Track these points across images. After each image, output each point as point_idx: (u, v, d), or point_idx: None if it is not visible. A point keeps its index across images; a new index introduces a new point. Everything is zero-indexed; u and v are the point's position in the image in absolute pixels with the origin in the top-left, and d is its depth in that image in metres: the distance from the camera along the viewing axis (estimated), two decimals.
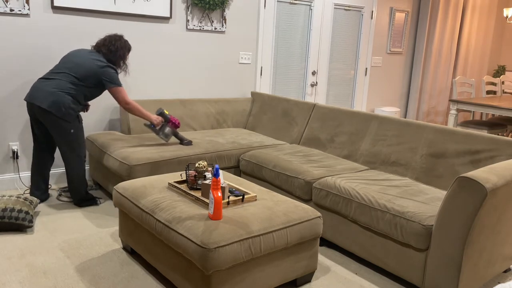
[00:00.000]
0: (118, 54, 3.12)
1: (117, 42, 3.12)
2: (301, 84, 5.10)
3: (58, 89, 2.94)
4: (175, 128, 3.39)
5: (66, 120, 2.96)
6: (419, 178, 2.90)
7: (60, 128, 2.98)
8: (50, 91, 2.92)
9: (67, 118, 2.96)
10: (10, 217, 2.71)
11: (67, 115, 2.96)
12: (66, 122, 2.97)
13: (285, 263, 2.17)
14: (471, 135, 2.75)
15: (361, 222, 2.48)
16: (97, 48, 3.14)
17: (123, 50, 3.15)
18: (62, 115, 2.94)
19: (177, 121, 3.38)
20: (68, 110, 2.95)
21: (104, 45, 3.11)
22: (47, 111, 2.91)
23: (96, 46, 3.15)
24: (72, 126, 3.00)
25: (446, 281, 2.09)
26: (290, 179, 2.97)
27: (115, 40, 3.12)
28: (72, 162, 3.09)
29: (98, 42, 3.15)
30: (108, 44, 3.10)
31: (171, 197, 2.28)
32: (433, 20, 6.12)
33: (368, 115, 3.37)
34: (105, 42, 3.12)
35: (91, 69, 3.01)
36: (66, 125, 2.98)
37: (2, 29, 3.25)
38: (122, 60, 3.18)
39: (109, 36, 3.15)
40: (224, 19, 4.29)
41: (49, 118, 2.94)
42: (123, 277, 2.31)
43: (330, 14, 5.11)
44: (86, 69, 3.00)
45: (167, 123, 3.36)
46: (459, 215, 2.02)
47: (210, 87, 4.39)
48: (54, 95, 2.92)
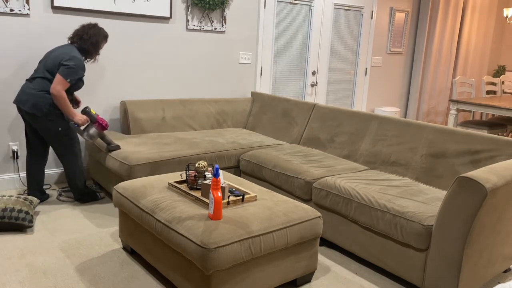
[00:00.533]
0: (91, 41, 3.05)
1: (90, 30, 3.06)
2: (301, 84, 5.10)
3: (37, 89, 2.94)
4: (101, 130, 3.15)
5: (50, 119, 2.96)
6: (419, 178, 2.90)
7: (48, 128, 2.99)
8: (30, 93, 2.94)
9: (51, 117, 2.96)
10: (10, 217, 2.71)
11: (49, 114, 2.96)
12: (51, 122, 2.97)
13: (285, 263, 2.17)
14: (471, 135, 2.75)
15: (361, 222, 2.48)
16: (71, 40, 3.10)
17: (96, 37, 3.07)
18: (45, 115, 2.94)
19: (105, 122, 3.14)
20: (49, 108, 2.95)
21: (77, 34, 3.06)
22: (30, 114, 2.94)
23: (70, 37, 3.11)
24: (59, 125, 3.00)
25: (446, 281, 2.09)
26: (290, 179, 2.97)
27: (88, 28, 3.07)
28: (67, 159, 3.12)
29: (73, 32, 3.12)
30: (81, 33, 3.05)
31: (171, 197, 2.28)
32: (433, 20, 6.12)
33: (368, 115, 3.37)
34: (78, 32, 3.07)
35: (56, 58, 2.96)
36: (52, 125, 2.98)
37: (2, 29, 3.25)
38: (95, 48, 3.10)
39: (83, 26, 3.10)
40: (224, 19, 4.29)
41: (35, 119, 2.96)
42: (123, 277, 2.31)
43: (330, 14, 5.11)
44: (53, 60, 2.96)
45: (93, 123, 3.13)
46: (459, 215, 2.02)
47: (210, 87, 4.39)
48: (34, 97, 2.93)
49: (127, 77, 3.88)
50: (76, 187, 3.23)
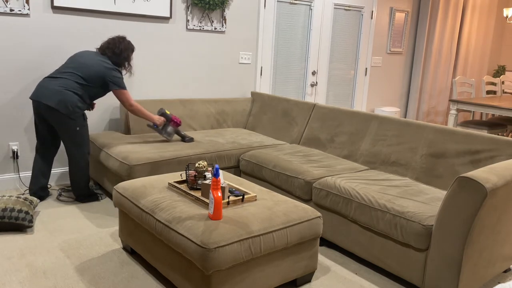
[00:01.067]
0: (123, 56, 3.20)
1: (121, 44, 3.19)
2: (301, 84, 5.10)
3: (64, 87, 3.00)
4: (176, 127, 3.49)
5: (72, 118, 3.02)
6: (419, 178, 2.90)
7: (66, 125, 3.03)
8: (57, 90, 2.98)
9: (73, 116, 3.02)
10: (10, 217, 2.71)
11: (73, 113, 3.02)
12: (72, 120, 3.03)
13: (285, 263, 2.17)
14: (471, 135, 2.75)
15: (361, 222, 2.48)
16: (102, 50, 3.20)
17: (127, 52, 3.22)
18: (69, 113, 3.00)
19: (179, 120, 3.47)
20: (74, 108, 3.02)
21: (109, 48, 3.17)
22: (54, 109, 2.97)
23: (101, 48, 3.21)
24: (77, 124, 3.07)
25: (446, 281, 2.09)
26: (290, 179, 2.97)
27: (119, 43, 3.19)
28: (76, 158, 3.15)
29: (103, 44, 3.21)
30: (113, 47, 3.17)
31: (171, 197, 2.28)
32: (433, 20, 6.12)
33: (368, 115, 3.37)
34: (109, 44, 3.18)
35: (98, 70, 3.08)
36: (72, 123, 3.04)
37: (2, 29, 3.25)
38: (126, 61, 3.26)
39: (113, 39, 3.21)
40: (224, 19, 4.29)
41: (56, 116, 2.99)
42: (123, 277, 2.31)
43: (330, 14, 5.11)
44: (93, 70, 3.08)
45: (169, 122, 3.46)
46: (459, 215, 2.02)
47: (210, 87, 4.39)
48: (61, 94, 2.97)
49: (127, 77, 3.87)
50: (78, 186, 3.25)
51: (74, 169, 3.18)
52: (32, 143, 3.54)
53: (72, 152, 3.13)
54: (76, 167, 3.17)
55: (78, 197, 3.30)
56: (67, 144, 3.11)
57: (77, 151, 3.13)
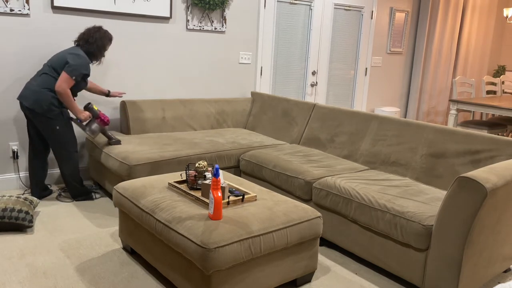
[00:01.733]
0: (96, 44, 3.14)
1: (95, 33, 3.14)
2: (301, 84, 5.10)
3: (41, 86, 3.03)
4: (103, 125, 3.25)
5: (49, 117, 3.04)
6: (419, 178, 2.90)
7: (46, 125, 3.06)
8: (33, 90, 3.03)
9: (50, 114, 3.04)
10: (10, 217, 2.71)
11: (48, 112, 3.03)
12: (50, 119, 3.05)
13: (285, 263, 2.17)
14: (471, 135, 2.75)
15: (361, 222, 2.48)
16: (76, 42, 3.18)
17: (102, 41, 3.16)
18: (44, 112, 3.02)
19: (106, 118, 3.25)
20: (49, 106, 3.03)
21: (83, 38, 3.14)
22: (31, 109, 3.02)
23: (76, 39, 3.19)
24: (56, 123, 3.08)
25: (446, 281, 2.09)
26: (290, 179, 2.97)
27: (93, 32, 3.15)
28: (62, 158, 3.18)
29: (78, 35, 3.19)
30: (87, 37, 3.13)
31: (171, 197, 2.28)
32: (433, 20, 6.12)
33: (368, 115, 3.37)
34: (84, 35, 3.16)
35: (62, 55, 3.06)
36: (50, 122, 3.06)
37: (2, 29, 3.25)
38: (101, 51, 3.19)
39: (88, 29, 3.18)
40: (224, 19, 4.29)
41: (35, 116, 3.04)
42: (123, 277, 2.31)
43: (330, 14, 5.11)
44: (60, 60, 3.05)
45: (95, 119, 3.22)
46: (459, 215, 2.02)
47: (210, 87, 4.39)
48: (36, 93, 3.01)
49: (127, 77, 3.87)
50: (72, 186, 3.27)
51: (63, 170, 3.20)
52: None
53: (57, 152, 3.16)
54: (64, 167, 3.19)
55: (73, 196, 3.33)
56: (51, 144, 3.14)
57: (62, 150, 3.15)
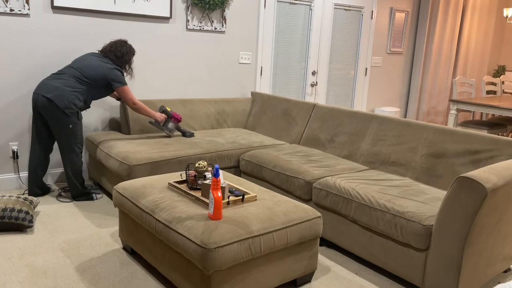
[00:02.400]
0: (124, 59, 3.32)
1: (123, 48, 3.30)
2: (301, 84, 5.10)
3: (65, 85, 3.11)
4: (177, 123, 3.61)
5: (66, 113, 3.07)
6: (419, 178, 2.90)
7: (60, 121, 3.09)
8: (56, 86, 3.09)
9: (67, 111, 3.08)
10: (10, 217, 2.71)
11: (68, 108, 3.08)
12: (66, 116, 3.08)
13: (285, 263, 2.17)
14: (471, 135, 2.75)
15: (361, 222, 2.48)
16: (104, 53, 3.29)
17: (128, 55, 3.34)
18: (64, 108, 3.06)
19: (179, 116, 3.59)
20: (70, 104, 3.09)
21: (111, 51, 3.28)
22: (50, 101, 3.05)
23: (103, 51, 3.30)
24: (70, 121, 3.12)
25: (446, 281, 2.09)
26: (290, 179, 2.97)
27: (121, 46, 3.30)
28: (68, 156, 3.20)
29: (105, 47, 3.31)
30: (115, 50, 3.28)
31: (171, 197, 2.28)
32: (433, 20, 6.12)
33: (368, 115, 3.37)
34: (112, 48, 3.29)
35: (102, 71, 3.19)
36: (65, 119, 3.09)
37: (2, 29, 3.25)
38: (127, 64, 3.37)
39: (115, 42, 3.31)
40: (224, 19, 4.29)
41: (51, 109, 3.06)
42: (123, 277, 2.31)
43: (330, 14, 5.11)
44: (95, 70, 3.18)
45: (169, 119, 3.57)
46: (459, 215, 2.02)
47: (210, 87, 4.39)
48: (60, 89, 3.08)
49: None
50: (74, 185, 3.28)
51: (67, 168, 3.23)
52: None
53: (64, 150, 3.18)
54: (68, 165, 3.22)
55: (73, 196, 3.33)
56: (59, 141, 3.17)
57: (69, 149, 3.18)
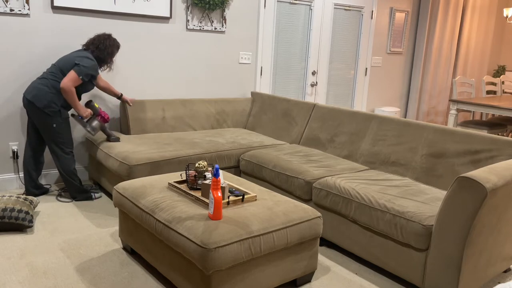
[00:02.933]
0: (107, 51, 3.25)
1: (106, 40, 3.25)
2: (301, 84, 5.10)
3: (43, 84, 3.10)
4: (103, 123, 3.34)
5: (47, 113, 3.08)
6: (419, 178, 2.90)
7: (42, 121, 3.11)
8: (35, 86, 3.10)
9: (48, 110, 3.08)
10: (10, 217, 2.71)
11: (47, 107, 3.08)
12: (48, 116, 3.09)
13: (285, 263, 2.17)
14: (471, 135, 2.75)
15: (361, 222, 2.48)
16: (86, 46, 3.27)
17: (111, 48, 3.28)
18: (43, 107, 3.07)
19: (107, 116, 3.35)
20: (49, 103, 3.08)
21: (93, 43, 3.24)
22: (30, 102, 3.07)
23: (85, 44, 3.28)
24: (53, 121, 3.12)
25: (446, 281, 2.09)
26: (290, 179, 2.97)
27: (104, 39, 3.25)
28: (58, 157, 3.22)
29: (88, 41, 3.29)
30: (97, 43, 3.23)
31: (171, 197, 2.28)
32: (433, 20, 6.12)
33: (368, 115, 3.37)
34: (94, 40, 3.26)
35: (71, 57, 3.15)
36: (47, 119, 3.10)
37: (2, 29, 3.25)
38: (110, 57, 3.31)
39: (98, 35, 3.29)
40: (224, 19, 4.29)
41: (33, 110, 3.09)
42: (123, 277, 2.31)
43: (330, 14, 5.11)
44: (68, 58, 3.15)
45: (96, 116, 3.31)
46: (459, 215, 2.02)
47: (210, 87, 4.39)
48: (38, 89, 3.08)
49: (127, 77, 3.87)
50: (70, 185, 3.30)
51: (60, 169, 3.24)
52: None
53: (53, 150, 3.20)
54: (60, 166, 3.23)
55: (72, 196, 3.35)
56: (47, 141, 3.19)
57: (57, 148, 3.19)
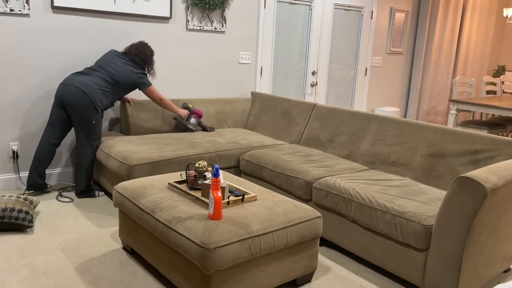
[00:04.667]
0: (148, 61, 3.50)
1: (146, 50, 3.48)
2: (301, 84, 5.10)
3: (93, 83, 3.24)
4: (199, 118, 3.89)
5: (91, 109, 3.21)
6: (419, 178, 2.90)
7: (85, 115, 3.21)
8: (86, 83, 3.22)
9: (93, 107, 3.21)
10: (10, 217, 2.71)
11: (93, 104, 3.21)
12: (91, 111, 3.22)
13: (285, 263, 2.17)
14: (471, 135, 2.75)
15: (361, 222, 2.48)
16: (130, 57, 3.44)
17: (151, 57, 3.52)
18: (90, 103, 3.20)
19: (200, 112, 3.88)
20: (96, 100, 3.23)
21: (136, 54, 3.44)
22: (82, 92, 3.17)
23: (128, 54, 3.46)
24: (95, 118, 3.26)
25: (446, 281, 2.10)
26: (290, 179, 2.97)
27: (144, 49, 3.47)
28: (85, 149, 3.30)
29: (129, 50, 3.49)
30: (139, 54, 3.45)
31: (171, 197, 2.28)
32: (433, 20, 6.12)
33: (368, 115, 3.37)
34: (137, 51, 3.45)
35: (130, 75, 3.38)
36: (90, 114, 3.22)
37: (2, 29, 3.25)
38: (151, 66, 3.55)
39: (138, 45, 3.47)
40: (224, 19, 4.29)
41: (81, 100, 3.17)
42: (123, 277, 2.31)
43: (330, 14, 5.11)
44: (125, 75, 3.36)
45: (192, 114, 3.85)
46: (459, 215, 2.02)
47: (210, 87, 4.39)
48: (89, 86, 3.21)
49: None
50: (82, 179, 3.35)
51: (81, 160, 3.31)
52: (32, 143, 3.54)
53: (82, 143, 3.28)
54: (83, 157, 3.30)
55: (78, 192, 3.39)
56: (79, 135, 3.27)
57: (88, 143, 3.29)
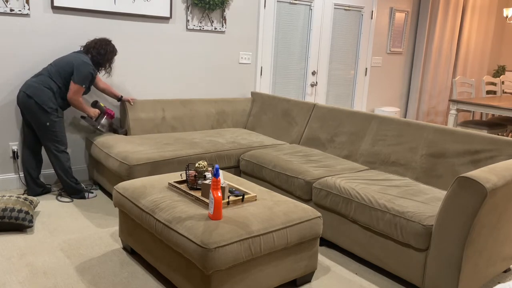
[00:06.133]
0: (107, 57, 3.35)
1: (107, 46, 3.34)
2: (301, 84, 5.10)
3: (41, 83, 3.14)
4: (110, 119, 3.55)
5: (45, 109, 3.11)
6: (419, 178, 2.90)
7: (37, 118, 3.13)
8: (33, 85, 3.13)
9: (46, 107, 3.11)
10: (10, 217, 2.71)
11: (45, 104, 3.11)
12: (44, 113, 3.12)
13: (285, 263, 2.17)
14: (471, 135, 2.75)
15: (361, 222, 2.48)
16: (86, 49, 3.32)
17: (111, 54, 3.38)
18: (42, 102, 3.10)
19: (112, 112, 3.55)
20: (48, 100, 3.13)
21: (95, 47, 3.31)
22: (29, 97, 3.09)
23: (85, 47, 3.33)
24: (48, 119, 3.15)
25: (446, 281, 2.10)
26: (290, 179, 2.97)
27: (105, 44, 3.33)
28: (52, 154, 3.26)
29: (88, 44, 3.34)
30: (98, 47, 3.31)
31: (171, 197, 2.28)
32: (433, 20, 6.12)
33: (368, 115, 3.37)
34: (96, 45, 3.32)
35: (71, 60, 3.20)
36: (43, 116, 3.13)
37: (2, 29, 3.25)
38: (109, 63, 3.41)
39: (99, 40, 3.35)
40: (224, 19, 4.29)
41: (30, 105, 3.10)
42: (123, 277, 2.31)
43: (330, 14, 5.11)
44: (67, 61, 3.20)
45: (103, 114, 3.51)
46: (459, 215, 2.02)
47: (210, 87, 4.39)
48: (36, 87, 3.12)
49: (127, 77, 3.87)
50: (65, 182, 3.33)
51: (54, 166, 3.28)
52: None
53: (48, 148, 3.24)
54: (54, 163, 3.26)
55: (68, 193, 3.38)
56: (41, 139, 3.22)
57: (52, 147, 3.23)
